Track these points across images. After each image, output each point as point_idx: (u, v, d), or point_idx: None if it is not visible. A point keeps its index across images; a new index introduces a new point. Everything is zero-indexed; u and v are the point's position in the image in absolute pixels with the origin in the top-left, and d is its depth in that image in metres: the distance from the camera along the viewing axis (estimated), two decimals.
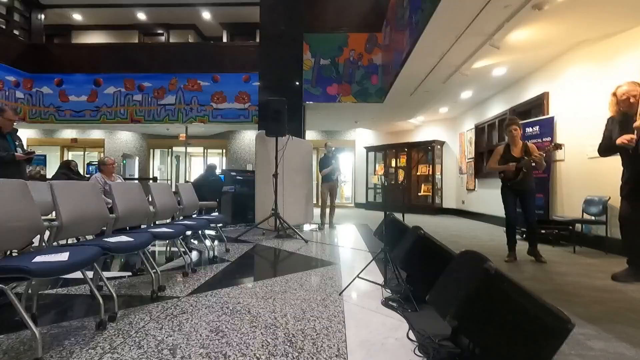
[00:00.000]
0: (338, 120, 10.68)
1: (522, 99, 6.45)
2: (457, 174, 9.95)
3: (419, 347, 1.69)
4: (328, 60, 7.72)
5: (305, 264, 3.56)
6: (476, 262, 1.42)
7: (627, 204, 3.07)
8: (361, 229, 6.40)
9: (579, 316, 2.15)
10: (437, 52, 4.86)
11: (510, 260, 3.79)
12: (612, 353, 1.66)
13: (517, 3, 3.52)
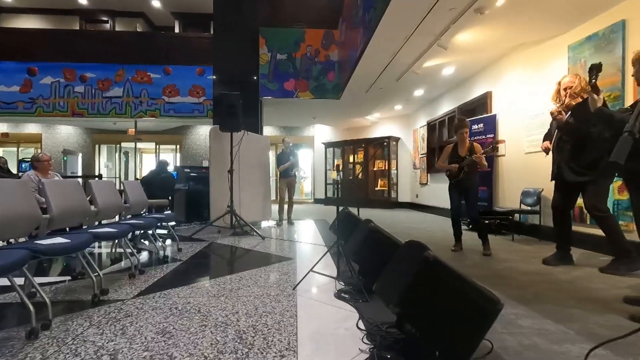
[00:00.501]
0: (296, 116, 10.66)
1: (468, 97, 6.84)
2: (412, 169, 10.36)
3: (367, 336, 1.75)
4: (285, 55, 7.66)
5: (260, 261, 3.53)
6: (417, 251, 1.50)
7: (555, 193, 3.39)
8: (319, 225, 6.46)
9: (513, 298, 2.34)
10: (390, 50, 5.01)
11: (457, 249, 4.02)
12: (537, 329, 1.83)
13: (461, 6, 3.71)
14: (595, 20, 3.95)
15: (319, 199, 12.47)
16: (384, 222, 6.86)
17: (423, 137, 9.26)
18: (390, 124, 11.08)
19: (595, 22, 3.95)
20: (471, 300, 1.43)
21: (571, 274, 2.96)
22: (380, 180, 11.04)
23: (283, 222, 6.51)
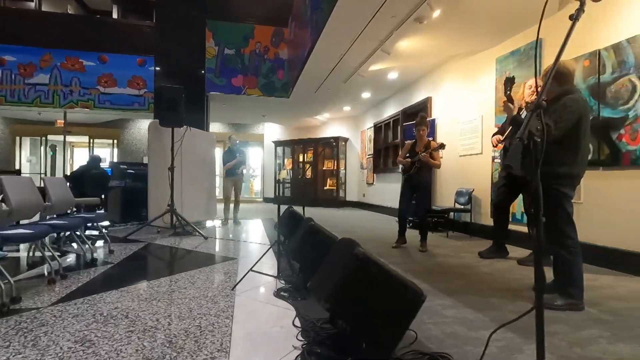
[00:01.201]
0: (245, 114, 10.45)
1: (411, 101, 7.21)
2: (359, 169, 10.66)
3: (301, 332, 1.77)
4: (233, 50, 7.47)
5: (201, 262, 3.41)
6: (348, 248, 1.55)
7: (496, 191, 3.68)
8: (267, 224, 6.40)
9: (440, 290, 2.51)
10: (337, 52, 5.11)
11: (397, 246, 4.21)
12: (459, 318, 1.99)
13: (402, 15, 3.90)
14: (518, 37, 4.37)
15: (268, 198, 12.34)
16: (331, 221, 6.99)
17: (370, 138, 9.57)
18: (339, 125, 11.30)
19: (518, 39, 4.37)
20: (396, 294, 1.51)
21: (493, 267, 3.25)
22: (329, 179, 11.22)
23: (229, 222, 6.35)
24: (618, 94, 3.13)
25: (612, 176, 3.21)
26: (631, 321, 1.97)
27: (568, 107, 2.13)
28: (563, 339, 1.73)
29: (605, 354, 1.58)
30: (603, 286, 2.65)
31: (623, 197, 3.12)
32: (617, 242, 3.14)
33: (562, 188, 2.20)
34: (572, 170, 2.20)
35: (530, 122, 0.94)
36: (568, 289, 2.15)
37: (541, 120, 0.96)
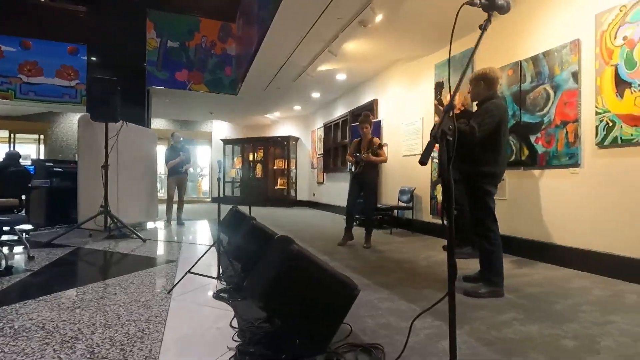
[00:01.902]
0: (191, 110, 10.02)
1: (359, 103, 7.40)
2: (310, 169, 10.72)
3: (238, 333, 1.74)
4: (177, 43, 7.12)
5: (136, 266, 3.20)
6: (284, 246, 1.55)
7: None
8: (213, 224, 6.18)
9: (379, 284, 2.61)
10: (284, 51, 5.09)
11: (344, 243, 4.29)
12: (393, 310, 2.08)
13: (347, 17, 3.99)
14: (454, 44, 4.67)
15: (216, 197, 11.95)
16: (280, 221, 6.95)
17: (320, 138, 9.67)
18: (290, 124, 11.27)
19: (455, 46, 4.67)
20: (330, 289, 1.54)
21: (430, 260, 3.45)
22: (280, 179, 11.15)
23: (172, 223, 6.05)
24: (535, 101, 3.48)
25: (531, 175, 3.57)
26: (542, 304, 2.20)
27: (490, 112, 2.32)
28: (483, 323, 1.88)
29: (518, 334, 1.75)
30: (522, 274, 2.93)
31: (540, 194, 3.47)
32: (535, 235, 3.49)
33: (485, 186, 2.40)
34: (494, 169, 2.41)
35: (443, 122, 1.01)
36: (490, 277, 2.34)
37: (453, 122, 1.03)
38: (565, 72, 3.21)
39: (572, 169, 3.16)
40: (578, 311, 2.07)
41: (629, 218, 2.74)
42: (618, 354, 1.55)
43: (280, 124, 11.48)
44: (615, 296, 2.36)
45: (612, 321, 1.92)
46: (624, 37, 2.75)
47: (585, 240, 3.04)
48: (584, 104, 3.06)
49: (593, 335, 1.73)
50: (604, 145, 2.90)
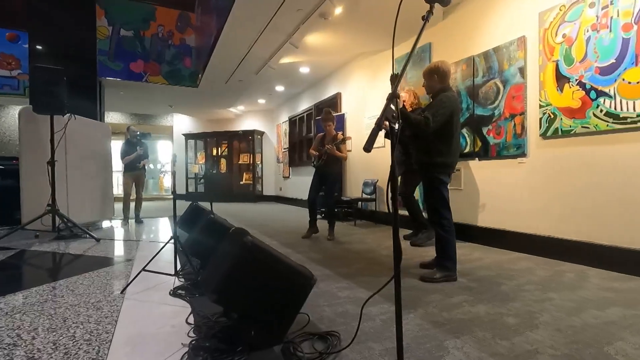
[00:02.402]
0: (149, 103, 9.57)
1: (323, 96, 7.42)
2: (276, 163, 10.64)
3: (194, 329, 1.70)
4: (131, 32, 6.74)
5: (89, 266, 3.03)
6: (237, 238, 1.53)
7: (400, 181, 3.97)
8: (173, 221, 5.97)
9: (340, 274, 2.65)
10: (245, 42, 4.98)
11: (308, 236, 4.31)
12: (352, 298, 2.12)
13: (308, 9, 3.97)
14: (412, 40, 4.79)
15: (179, 194, 11.54)
16: (245, 216, 6.86)
17: (285, 132, 9.60)
18: (254, 118, 11.09)
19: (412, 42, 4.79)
20: (286, 279, 1.54)
21: (391, 250, 3.53)
22: (245, 174, 10.97)
23: (130, 221, 5.78)
24: (487, 95, 3.66)
25: (484, 166, 3.76)
26: (490, 286, 2.33)
27: (443, 103, 2.41)
28: (436, 306, 1.97)
29: (467, 315, 1.85)
30: (475, 259, 3.09)
31: (492, 183, 3.67)
32: (487, 222, 3.69)
33: (439, 175, 2.49)
34: (447, 160, 2.51)
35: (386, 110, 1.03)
36: (444, 263, 2.45)
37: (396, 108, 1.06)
38: (512, 67, 3.39)
39: (519, 159, 3.36)
40: (522, 290, 2.22)
41: (569, 204, 2.97)
42: (553, 328, 1.68)
43: (244, 117, 11.26)
44: (555, 275, 2.55)
45: (551, 298, 2.08)
46: (563, 35, 2.95)
47: (531, 225, 3.26)
48: (529, 98, 3.26)
49: (533, 312, 1.86)
50: (547, 136, 3.11)
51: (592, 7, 2.76)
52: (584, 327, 1.68)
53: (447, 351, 1.47)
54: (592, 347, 1.48)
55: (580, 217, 2.88)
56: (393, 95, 1.04)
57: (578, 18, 2.84)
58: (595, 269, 2.69)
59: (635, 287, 2.28)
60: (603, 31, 2.69)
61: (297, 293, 1.57)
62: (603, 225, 2.73)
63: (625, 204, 2.60)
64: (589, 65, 2.78)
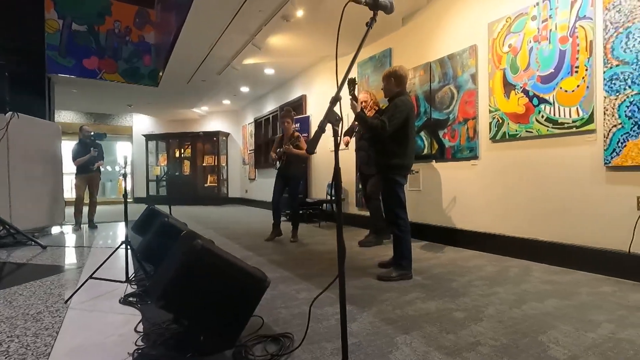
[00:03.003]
0: (105, 102, 9.10)
1: (288, 98, 7.41)
2: (241, 165, 10.47)
3: (142, 337, 1.64)
4: (84, 26, 6.39)
5: (31, 275, 2.83)
6: (187, 242, 1.49)
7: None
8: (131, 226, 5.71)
9: (300, 276, 2.66)
10: (206, 42, 4.88)
11: (271, 238, 4.28)
12: (309, 299, 2.13)
13: (269, 10, 3.96)
14: (374, 45, 4.91)
15: (140, 197, 11.07)
16: (209, 219, 6.69)
17: (251, 133, 9.49)
18: (219, 119, 10.86)
19: (374, 47, 4.91)
20: (238, 283, 1.52)
21: (351, 251, 3.60)
22: (210, 176, 10.71)
23: (82, 227, 5.46)
24: (442, 99, 3.82)
25: (441, 167, 3.91)
26: (443, 283, 2.43)
27: (398, 107, 2.49)
28: (390, 304, 2.03)
29: (418, 311, 1.92)
30: (431, 257, 3.21)
31: (448, 184, 3.83)
32: (444, 221, 3.84)
33: (395, 177, 2.57)
34: (403, 161, 2.59)
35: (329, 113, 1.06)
36: (400, 262, 2.53)
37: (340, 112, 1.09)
38: (465, 74, 3.57)
39: (472, 161, 3.54)
40: (471, 286, 2.34)
41: (515, 204, 3.16)
42: (496, 320, 1.78)
43: (209, 118, 10.99)
44: (503, 271, 2.71)
45: (496, 292, 2.20)
46: (509, 45, 3.15)
47: (482, 224, 3.43)
48: (480, 103, 3.44)
49: (479, 306, 1.97)
50: (496, 139, 3.30)
51: (534, 20, 2.96)
52: (524, 318, 1.79)
53: (396, 347, 1.51)
54: (529, 337, 1.58)
55: (524, 216, 3.08)
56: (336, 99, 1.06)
57: (522, 30, 3.05)
58: (539, 264, 2.88)
59: (572, 279, 2.47)
60: (543, 42, 2.90)
61: (250, 296, 1.55)
62: (544, 223, 2.93)
63: (562, 203, 2.81)
64: (531, 74, 2.98)
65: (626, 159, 2.43)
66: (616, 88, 2.47)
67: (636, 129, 2.38)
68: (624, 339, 1.55)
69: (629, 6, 2.41)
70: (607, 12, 2.51)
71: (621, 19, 2.44)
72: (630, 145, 2.41)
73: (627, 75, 2.42)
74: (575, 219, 2.74)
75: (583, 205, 2.69)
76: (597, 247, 2.60)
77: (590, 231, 2.65)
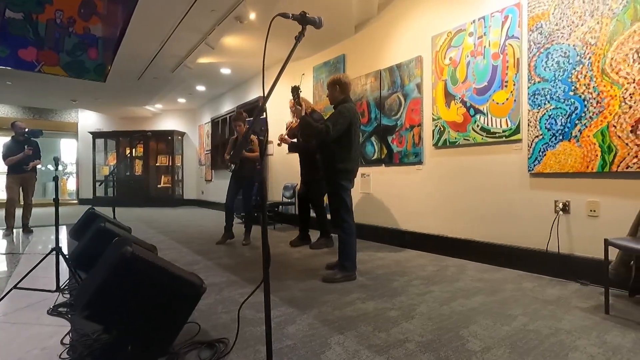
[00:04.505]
0: (45, 96, 8.45)
1: (246, 99, 7.33)
2: (198, 166, 10.17)
3: (69, 349, 1.56)
4: (20, 14, 5.87)
5: None
6: (117, 249, 1.45)
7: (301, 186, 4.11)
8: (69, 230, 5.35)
9: (246, 279, 2.65)
10: (155, 39, 4.71)
11: (223, 241, 4.22)
12: (252, 303, 2.12)
13: (222, 10, 3.91)
14: (329, 50, 5.01)
15: (85, 199, 10.38)
16: (160, 221, 6.43)
17: (208, 133, 9.26)
18: (175, 118, 10.47)
19: (329, 52, 5.01)
20: (172, 290, 1.50)
21: (302, 253, 3.64)
22: (164, 176, 10.29)
23: (15, 231, 5.04)
24: (391, 106, 3.99)
25: (389, 171, 4.08)
26: (384, 283, 2.54)
27: (342, 114, 2.58)
28: (331, 305, 2.09)
29: (356, 312, 2.00)
30: (376, 258, 3.33)
31: (395, 187, 4.00)
32: (391, 223, 4.01)
33: (341, 181, 2.65)
34: (348, 166, 2.68)
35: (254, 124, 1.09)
36: (344, 263, 2.61)
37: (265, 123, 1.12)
38: (412, 83, 3.75)
39: (417, 166, 3.73)
40: (409, 286, 2.47)
41: (453, 206, 3.37)
42: (426, 317, 1.90)
43: (163, 116, 10.56)
44: (441, 270, 2.89)
45: (431, 291, 2.34)
46: (450, 58, 3.36)
47: (426, 226, 3.63)
48: (425, 111, 3.63)
49: (413, 305, 2.09)
50: (438, 146, 3.50)
51: (471, 36, 3.19)
52: (451, 315, 1.93)
53: (329, 347, 1.57)
54: (452, 332, 1.71)
55: (462, 218, 3.30)
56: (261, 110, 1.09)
57: (461, 44, 3.27)
58: (474, 263, 3.10)
59: (500, 277, 2.68)
60: (479, 57, 3.13)
61: (184, 303, 1.54)
62: (479, 224, 3.16)
63: (495, 206, 3.05)
64: (468, 86, 3.21)
65: (546, 166, 2.69)
66: (538, 102, 2.73)
67: (554, 140, 2.65)
68: (532, 330, 1.73)
69: (548, 29, 2.67)
70: (532, 33, 2.77)
71: (542, 40, 2.70)
72: (549, 154, 2.67)
73: (547, 91, 2.68)
74: (504, 220, 2.98)
75: (511, 208, 2.94)
76: (522, 246, 2.85)
77: (516, 232, 2.90)
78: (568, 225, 2.60)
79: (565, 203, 2.61)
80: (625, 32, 2.30)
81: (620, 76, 2.32)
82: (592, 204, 2.48)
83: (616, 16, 2.34)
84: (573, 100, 2.54)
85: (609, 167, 2.37)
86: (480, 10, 3.14)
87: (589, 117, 2.46)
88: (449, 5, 3.41)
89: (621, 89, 2.32)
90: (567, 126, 2.57)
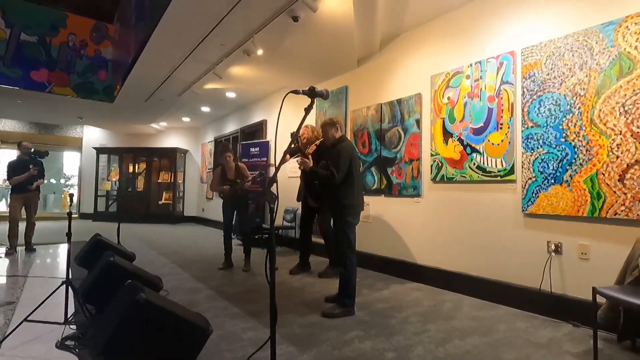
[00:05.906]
0: (54, 113, 8.62)
1: (249, 121, 7.50)
2: (199, 183, 10.28)
3: None
4: (35, 37, 6.11)
5: None
6: (130, 294, 1.54)
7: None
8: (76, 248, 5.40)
9: (248, 313, 2.72)
10: (165, 67, 4.89)
11: (224, 267, 4.29)
12: (254, 340, 2.21)
13: (231, 45, 4.09)
14: (332, 81, 5.19)
15: (86, 213, 10.44)
16: (160, 240, 6.49)
17: (211, 151, 9.40)
18: (178, 135, 10.64)
19: (332, 82, 5.18)
20: (181, 334, 1.58)
21: (303, 282, 3.71)
22: (165, 193, 10.38)
23: (19, 250, 5.09)
24: (391, 139, 4.12)
25: (389, 202, 4.18)
26: (382, 319, 2.61)
27: (342, 154, 2.72)
28: (330, 344, 2.16)
29: (355, 352, 2.07)
30: (375, 289, 3.40)
31: (395, 218, 4.10)
32: (391, 253, 4.09)
33: (346, 217, 2.76)
34: (352, 201, 2.79)
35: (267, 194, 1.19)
36: (343, 299, 2.68)
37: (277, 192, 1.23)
38: (411, 118, 3.90)
39: (415, 198, 3.84)
40: (406, 323, 2.54)
41: (450, 241, 3.47)
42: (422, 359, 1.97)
43: (167, 134, 10.73)
44: (437, 305, 2.95)
45: (428, 330, 2.41)
46: (448, 97, 3.51)
47: (423, 257, 3.71)
48: (424, 147, 3.77)
49: (410, 345, 2.16)
50: (436, 180, 3.62)
51: (468, 79, 3.35)
52: (446, 358, 2.00)
53: None
54: None
55: (459, 252, 3.39)
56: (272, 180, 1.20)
57: (459, 85, 3.43)
58: (470, 298, 3.17)
59: (494, 315, 2.76)
60: (475, 99, 3.28)
61: (191, 346, 1.62)
62: (475, 259, 3.24)
63: (490, 243, 3.14)
64: (465, 125, 3.35)
65: (539, 208, 2.80)
66: (531, 146, 2.86)
67: (547, 183, 2.76)
68: None
69: (541, 77, 2.83)
70: (525, 80, 2.93)
71: (535, 88, 2.86)
72: (541, 196, 2.79)
73: (539, 135, 2.81)
74: (499, 257, 3.07)
75: (506, 245, 3.04)
76: (516, 284, 2.93)
77: (511, 269, 2.98)
78: (560, 266, 2.69)
79: (557, 244, 2.71)
80: (612, 87, 2.45)
81: (608, 127, 2.46)
82: (583, 247, 2.58)
83: (603, 71, 2.49)
84: (564, 147, 2.67)
85: (599, 212, 2.48)
86: (477, 55, 3.31)
87: (579, 164, 2.59)
88: (447, 48, 3.58)
89: (609, 139, 2.45)
90: (559, 170, 2.69)
